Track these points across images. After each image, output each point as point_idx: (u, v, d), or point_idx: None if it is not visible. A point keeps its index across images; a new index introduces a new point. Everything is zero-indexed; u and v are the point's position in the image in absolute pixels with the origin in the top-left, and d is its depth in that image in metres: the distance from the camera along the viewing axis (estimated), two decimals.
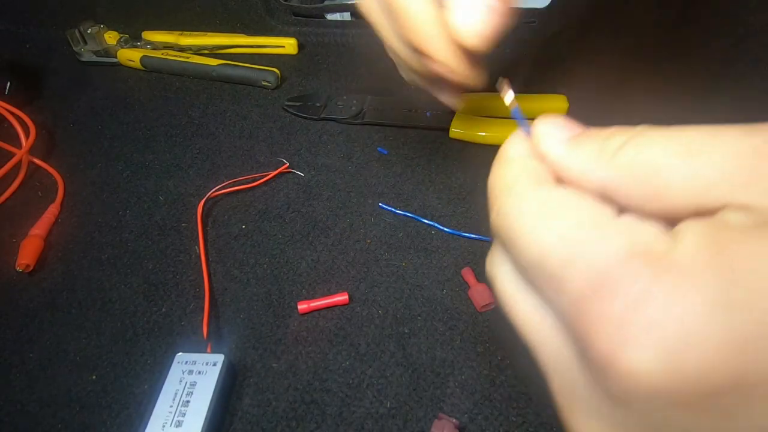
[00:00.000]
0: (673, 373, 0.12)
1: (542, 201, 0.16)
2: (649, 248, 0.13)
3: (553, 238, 0.15)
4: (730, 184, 0.13)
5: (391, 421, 0.30)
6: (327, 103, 0.50)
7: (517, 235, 0.16)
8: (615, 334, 0.13)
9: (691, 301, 0.12)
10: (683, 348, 0.12)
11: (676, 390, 0.12)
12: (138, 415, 0.31)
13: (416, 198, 0.42)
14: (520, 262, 0.16)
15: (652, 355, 0.12)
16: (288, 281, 0.37)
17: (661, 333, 0.12)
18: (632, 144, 0.15)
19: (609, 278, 0.13)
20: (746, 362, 0.12)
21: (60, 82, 0.56)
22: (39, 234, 0.40)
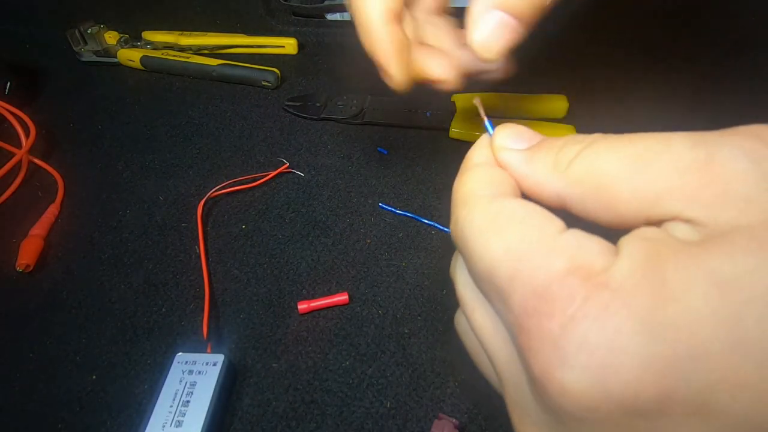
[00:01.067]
0: (600, 392, 0.12)
1: (494, 214, 0.16)
2: (588, 265, 0.13)
3: (500, 252, 0.15)
4: (676, 197, 0.14)
5: (391, 421, 0.30)
6: (327, 103, 0.50)
7: (469, 246, 0.16)
8: (550, 352, 0.13)
9: (620, 320, 0.12)
10: (610, 367, 0.12)
11: (604, 409, 0.12)
12: (138, 415, 0.31)
13: (416, 198, 0.42)
14: (473, 273, 0.17)
15: (581, 375, 0.13)
16: (288, 281, 0.37)
17: (590, 352, 0.12)
18: (584, 155, 0.16)
19: (547, 295, 0.13)
20: (670, 382, 0.12)
21: (60, 82, 0.56)
22: (39, 234, 0.40)
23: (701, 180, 0.13)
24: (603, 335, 0.12)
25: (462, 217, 0.17)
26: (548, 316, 0.13)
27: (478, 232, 0.16)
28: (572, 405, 0.13)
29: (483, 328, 0.17)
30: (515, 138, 0.18)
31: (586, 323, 0.13)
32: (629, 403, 0.12)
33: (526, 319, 0.14)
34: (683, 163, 0.14)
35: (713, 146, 0.14)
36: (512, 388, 0.16)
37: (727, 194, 0.13)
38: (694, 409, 0.12)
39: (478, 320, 0.17)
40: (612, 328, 0.12)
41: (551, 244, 0.14)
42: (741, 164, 0.13)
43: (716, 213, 0.13)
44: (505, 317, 0.15)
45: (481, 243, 0.16)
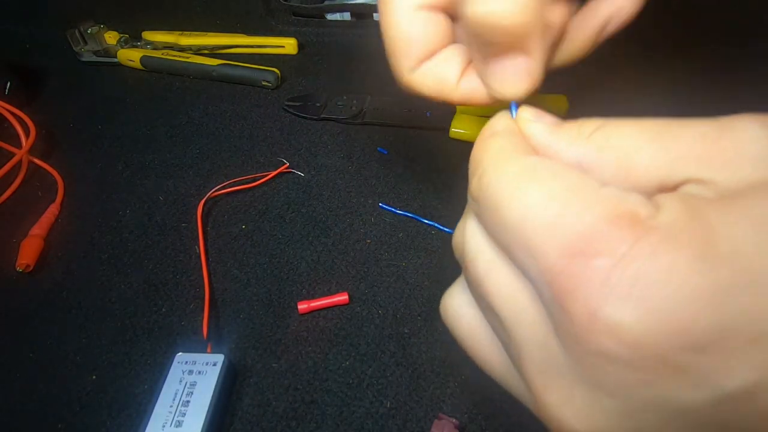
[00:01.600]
0: (655, 324, 0.12)
1: (529, 166, 0.16)
2: (634, 212, 0.14)
3: (538, 200, 0.15)
4: (691, 161, 0.15)
5: (391, 421, 0.30)
6: (327, 103, 0.50)
7: (500, 197, 0.16)
8: (599, 290, 0.13)
9: (674, 255, 0.12)
10: (667, 299, 0.12)
11: (657, 343, 0.12)
12: (138, 415, 0.31)
13: (416, 198, 0.42)
14: (499, 225, 0.16)
15: (635, 309, 0.12)
16: (288, 281, 0.37)
17: (645, 286, 0.12)
18: (605, 128, 0.17)
19: (596, 237, 0.13)
20: (728, 312, 0.12)
21: (60, 82, 0.56)
22: (39, 234, 0.40)
23: (715, 145, 0.14)
24: (658, 269, 0.12)
25: (492, 169, 0.17)
26: (597, 255, 0.13)
27: (515, 182, 0.16)
28: (621, 342, 0.13)
29: (499, 289, 0.17)
30: (537, 115, 0.19)
31: (640, 260, 0.13)
32: (685, 335, 0.12)
33: (568, 261, 0.14)
34: (698, 133, 0.15)
35: (727, 120, 0.15)
36: (534, 348, 0.15)
37: (741, 155, 0.14)
38: (752, 338, 0.12)
39: (495, 281, 0.17)
40: (667, 263, 0.12)
41: (595, 193, 0.14)
42: (754, 131, 0.14)
43: (730, 172, 0.14)
44: (534, 267, 0.15)
45: (517, 191, 0.16)
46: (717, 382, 0.12)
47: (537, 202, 0.15)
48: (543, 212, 0.15)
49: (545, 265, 0.14)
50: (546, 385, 0.15)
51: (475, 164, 0.18)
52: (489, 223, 0.17)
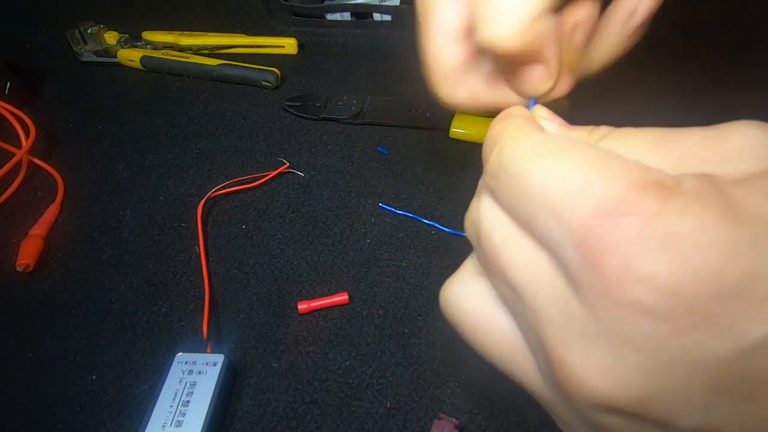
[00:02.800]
0: (690, 274, 0.13)
1: (552, 139, 0.17)
2: (660, 180, 0.14)
3: (565, 168, 0.15)
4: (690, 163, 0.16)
5: (391, 421, 0.30)
6: (327, 103, 0.50)
7: (524, 167, 0.16)
8: (631, 245, 0.13)
9: (703, 213, 0.13)
10: (699, 252, 0.13)
11: (691, 292, 0.13)
12: (138, 415, 0.31)
13: (416, 198, 0.42)
14: (522, 197, 0.16)
15: (670, 260, 0.13)
16: (288, 281, 0.37)
17: (677, 239, 0.13)
18: (612, 136, 0.17)
19: (625, 200, 0.14)
20: (755, 261, 0.12)
21: (60, 82, 0.56)
22: (39, 234, 0.40)
23: (715, 146, 0.15)
24: (689, 225, 0.13)
25: (513, 143, 0.17)
26: (629, 214, 0.13)
27: (540, 152, 0.16)
28: (655, 290, 0.13)
29: (518, 258, 0.17)
30: (551, 115, 0.20)
31: (672, 217, 0.13)
32: (716, 284, 0.12)
33: (601, 221, 0.14)
34: (698, 137, 0.16)
35: (724, 125, 0.16)
36: (556, 314, 0.15)
37: (740, 153, 0.15)
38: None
39: (512, 253, 0.17)
40: (697, 219, 0.13)
41: (621, 162, 0.15)
42: (750, 132, 0.15)
43: (731, 167, 0.15)
44: (560, 233, 0.15)
45: (545, 160, 0.16)
46: (743, 329, 0.12)
47: (564, 169, 0.15)
48: (571, 179, 0.15)
49: (574, 226, 0.14)
50: (567, 348, 0.15)
51: (493, 141, 0.18)
52: (509, 194, 0.17)
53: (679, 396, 0.13)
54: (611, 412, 0.14)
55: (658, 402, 0.14)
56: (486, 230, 0.18)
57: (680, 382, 0.13)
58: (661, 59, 0.50)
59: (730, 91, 0.46)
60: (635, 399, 0.14)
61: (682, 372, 0.13)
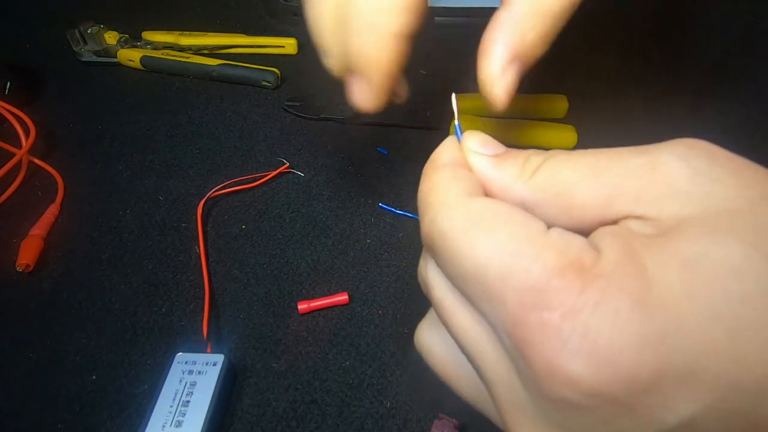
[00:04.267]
0: (606, 374, 0.13)
1: (477, 213, 0.17)
2: (579, 260, 0.14)
3: (490, 252, 0.15)
4: (625, 198, 0.16)
5: (391, 421, 0.30)
6: (327, 103, 0.50)
7: (452, 246, 0.16)
8: (553, 342, 0.14)
9: (617, 305, 0.13)
10: (614, 349, 0.13)
11: (609, 390, 0.13)
12: (138, 415, 0.31)
13: (416, 198, 0.42)
14: (456, 274, 0.17)
15: (587, 360, 0.13)
16: (288, 281, 0.37)
17: (594, 337, 0.13)
18: (545, 166, 0.17)
19: (546, 289, 0.14)
20: (664, 356, 0.13)
21: (60, 82, 0.56)
22: (39, 234, 0.40)
23: (645, 180, 0.15)
24: (604, 320, 0.13)
25: (441, 215, 0.17)
26: (549, 308, 0.14)
27: (462, 231, 0.16)
28: (578, 391, 0.14)
29: (465, 331, 0.17)
30: (483, 144, 0.20)
31: (588, 311, 0.13)
32: (632, 381, 0.13)
33: (524, 313, 0.14)
34: (629, 169, 0.16)
35: (653, 153, 0.16)
36: (502, 388, 0.16)
37: (669, 191, 0.15)
38: (684, 378, 0.13)
39: (460, 323, 0.17)
40: (611, 313, 0.13)
41: (542, 241, 0.15)
42: (677, 164, 0.15)
43: (662, 208, 0.15)
44: (493, 316, 0.15)
45: (468, 242, 0.16)
46: (660, 418, 0.13)
47: (488, 253, 0.15)
48: (495, 263, 0.15)
49: (503, 315, 0.15)
50: (516, 422, 0.16)
51: (424, 206, 0.19)
52: (445, 269, 0.17)
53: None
54: None
55: None
56: (434, 298, 0.19)
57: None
58: (658, 57, 0.50)
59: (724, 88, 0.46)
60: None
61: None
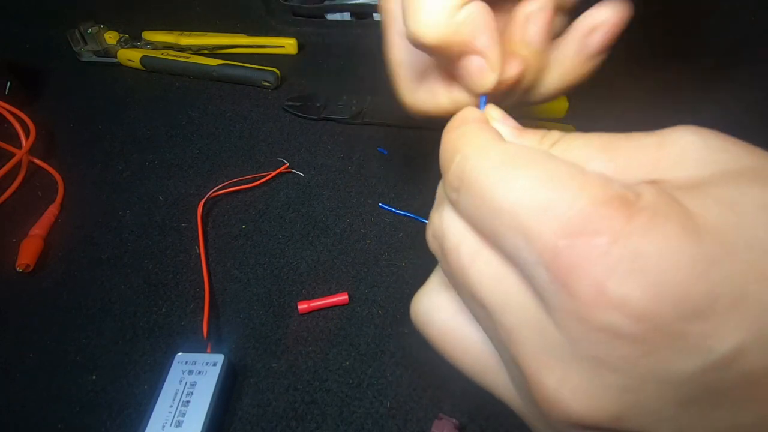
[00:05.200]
0: (657, 296, 0.13)
1: (513, 152, 0.16)
2: (623, 194, 0.14)
3: (530, 185, 0.15)
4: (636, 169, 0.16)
5: (391, 421, 0.30)
6: (327, 103, 0.50)
7: (486, 183, 0.16)
8: (601, 268, 0.13)
9: (667, 231, 0.13)
10: (666, 271, 0.13)
11: (660, 314, 0.13)
12: (138, 415, 0.31)
13: (416, 198, 0.42)
14: (486, 213, 0.16)
15: (639, 283, 0.13)
16: (288, 281, 0.37)
17: (645, 260, 0.13)
18: (563, 141, 0.18)
19: (590, 219, 0.14)
20: (715, 279, 0.13)
21: (60, 82, 0.56)
22: (39, 234, 0.40)
23: (659, 152, 0.16)
24: (655, 244, 0.13)
25: (475, 154, 0.17)
26: (597, 234, 0.14)
27: (500, 166, 0.16)
28: (628, 315, 0.13)
29: (486, 275, 0.16)
30: (504, 117, 0.20)
31: (637, 235, 0.13)
32: (682, 304, 0.13)
33: (568, 241, 0.14)
34: (643, 145, 0.16)
35: (664, 132, 0.16)
36: (529, 333, 0.15)
37: (684, 158, 0.15)
38: (733, 304, 0.13)
39: (479, 270, 0.17)
40: (661, 237, 0.13)
41: (584, 177, 0.15)
42: (690, 138, 0.16)
43: (678, 171, 0.15)
44: (528, 251, 0.15)
45: (505, 176, 0.16)
46: (707, 346, 0.13)
47: (528, 186, 0.15)
48: (536, 196, 0.15)
49: (542, 247, 0.14)
50: (542, 368, 0.15)
51: (451, 152, 0.18)
52: (473, 210, 0.17)
53: (651, 411, 0.14)
54: (587, 429, 0.15)
55: (631, 418, 0.14)
56: (451, 246, 0.18)
57: (652, 398, 0.14)
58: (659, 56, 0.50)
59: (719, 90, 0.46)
60: (610, 417, 0.14)
61: (654, 389, 0.14)
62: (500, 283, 0.16)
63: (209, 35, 0.58)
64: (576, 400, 0.14)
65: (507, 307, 0.16)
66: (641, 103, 0.43)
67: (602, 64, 0.23)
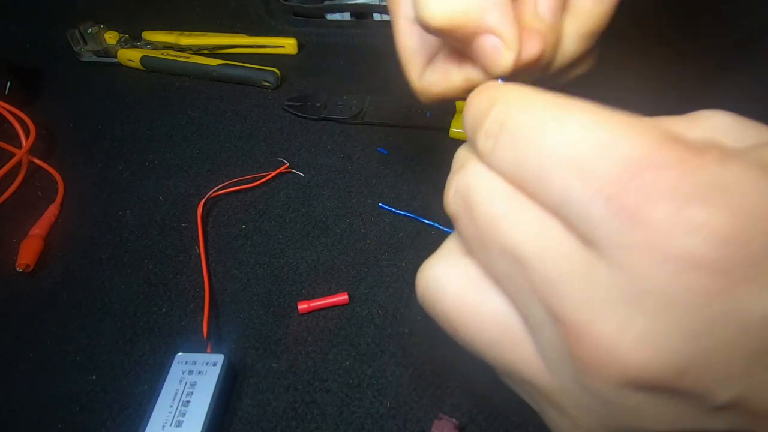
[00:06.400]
0: (742, 223, 0.12)
1: (560, 98, 0.16)
2: (680, 136, 0.14)
3: (584, 125, 0.14)
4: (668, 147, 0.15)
5: (391, 421, 0.30)
6: (327, 103, 0.50)
7: (535, 125, 0.15)
8: (676, 195, 0.12)
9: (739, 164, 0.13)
10: (746, 202, 0.12)
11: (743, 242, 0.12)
12: (138, 415, 0.31)
13: (416, 198, 0.42)
14: (532, 157, 0.15)
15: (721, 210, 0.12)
16: (288, 281, 0.37)
17: (721, 190, 0.12)
18: None
19: (658, 152, 0.13)
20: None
21: (60, 82, 0.56)
22: (39, 234, 0.40)
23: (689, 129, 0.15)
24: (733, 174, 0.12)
25: (520, 100, 0.16)
26: (667, 166, 0.13)
27: (551, 109, 0.15)
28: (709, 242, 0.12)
29: (524, 226, 0.15)
30: None
31: (711, 167, 0.13)
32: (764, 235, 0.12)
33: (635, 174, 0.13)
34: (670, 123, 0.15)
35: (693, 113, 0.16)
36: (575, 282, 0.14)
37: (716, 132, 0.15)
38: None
39: (516, 221, 0.15)
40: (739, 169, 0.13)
41: (637, 119, 0.14)
42: (720, 116, 0.15)
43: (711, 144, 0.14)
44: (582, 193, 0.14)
45: (559, 117, 0.15)
46: None
47: (584, 125, 0.14)
48: (593, 134, 0.14)
49: (605, 181, 0.13)
50: (593, 318, 0.13)
51: (489, 101, 0.17)
52: (513, 156, 0.16)
53: (719, 364, 0.13)
54: (642, 388, 0.13)
55: (699, 371, 0.13)
56: (481, 199, 0.16)
57: (724, 347, 0.12)
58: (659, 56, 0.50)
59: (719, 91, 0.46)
60: (676, 369, 0.13)
61: (727, 335, 0.12)
62: (540, 234, 0.15)
63: (209, 35, 0.58)
64: (637, 349, 0.13)
65: (548, 258, 0.15)
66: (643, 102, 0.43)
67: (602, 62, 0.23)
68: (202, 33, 0.58)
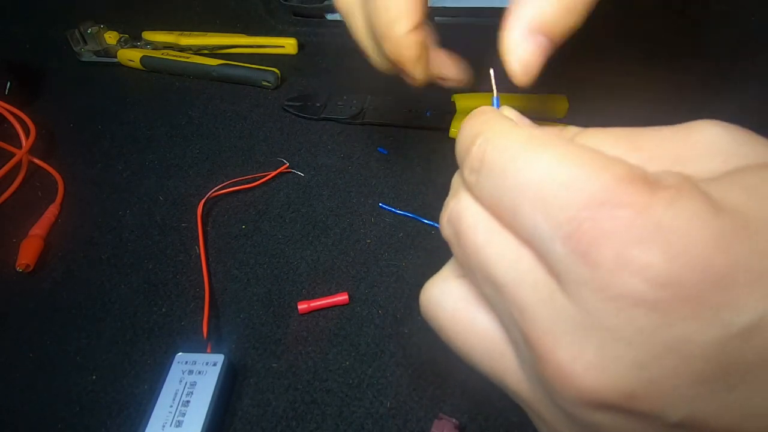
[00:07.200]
0: (681, 264, 0.13)
1: (537, 135, 0.17)
2: (644, 175, 0.14)
3: (554, 162, 0.15)
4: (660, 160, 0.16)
5: (391, 421, 0.30)
6: (327, 103, 0.50)
7: (509, 160, 0.16)
8: (625, 236, 0.13)
9: (691, 206, 0.13)
10: (689, 243, 0.13)
11: (684, 280, 0.13)
12: (138, 415, 0.31)
13: (416, 198, 0.42)
14: (507, 190, 0.16)
15: (662, 251, 0.13)
16: (288, 281, 0.37)
17: (668, 232, 0.13)
18: (583, 134, 0.18)
19: (617, 192, 0.14)
20: (737, 251, 0.13)
21: (60, 82, 0.56)
22: (39, 234, 0.40)
23: (684, 143, 0.16)
24: (678, 216, 0.13)
25: (498, 135, 0.17)
26: (621, 206, 0.14)
27: (523, 145, 0.16)
28: (650, 279, 0.13)
29: (500, 254, 0.17)
30: (519, 117, 0.20)
31: (661, 209, 0.13)
32: (705, 271, 0.13)
33: (591, 213, 0.14)
34: (666, 135, 0.16)
35: (689, 124, 0.16)
36: (542, 309, 0.15)
37: (710, 150, 0.15)
38: (757, 277, 0.13)
39: (495, 249, 0.17)
40: (686, 211, 0.13)
41: (606, 158, 0.15)
42: (716, 130, 0.16)
43: (703, 164, 0.15)
44: (546, 226, 0.15)
45: (528, 155, 0.16)
46: (727, 318, 0.13)
47: (550, 163, 0.15)
48: (557, 172, 0.15)
49: (562, 219, 0.14)
50: (555, 343, 0.15)
51: (472, 136, 0.18)
52: (491, 189, 0.17)
53: (667, 388, 0.14)
54: (600, 408, 0.14)
55: (647, 395, 0.14)
56: (467, 227, 0.18)
57: (669, 374, 0.13)
58: (658, 57, 0.50)
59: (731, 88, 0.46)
60: (625, 393, 0.14)
61: (671, 363, 0.13)
62: (514, 263, 0.16)
63: (209, 35, 0.58)
64: (589, 375, 0.14)
65: (520, 286, 0.16)
66: (642, 103, 0.43)
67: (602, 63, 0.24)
68: (202, 33, 0.58)
